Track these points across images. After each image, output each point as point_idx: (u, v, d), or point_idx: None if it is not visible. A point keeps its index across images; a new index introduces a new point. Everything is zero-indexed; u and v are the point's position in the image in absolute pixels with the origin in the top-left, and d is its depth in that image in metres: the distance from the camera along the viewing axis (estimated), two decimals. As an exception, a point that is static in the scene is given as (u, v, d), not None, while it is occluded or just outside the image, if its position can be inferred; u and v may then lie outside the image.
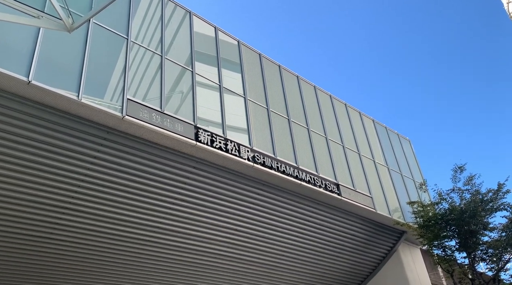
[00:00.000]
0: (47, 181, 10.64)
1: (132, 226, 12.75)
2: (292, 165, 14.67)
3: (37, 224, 11.43)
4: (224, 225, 14.37)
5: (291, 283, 18.54)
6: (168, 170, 12.22)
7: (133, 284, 15.72)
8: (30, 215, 11.13)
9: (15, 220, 11.18)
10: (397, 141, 22.44)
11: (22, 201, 10.78)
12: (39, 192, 10.73)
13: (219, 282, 16.99)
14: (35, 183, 10.52)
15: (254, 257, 16.17)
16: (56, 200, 11.06)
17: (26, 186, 10.53)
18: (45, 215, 11.29)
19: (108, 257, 13.71)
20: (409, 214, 18.60)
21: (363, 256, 18.76)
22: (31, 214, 11.11)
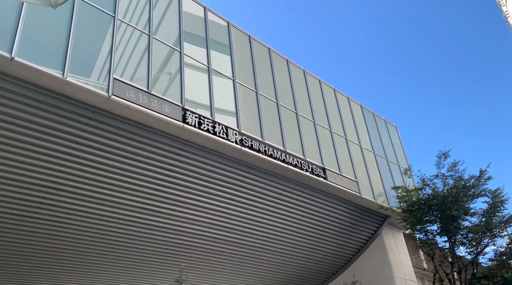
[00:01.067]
0: (31, 160, 10.51)
1: (117, 206, 12.72)
2: (279, 149, 14.72)
3: (21, 203, 11.32)
4: (210, 207, 14.44)
5: (277, 265, 18.84)
6: (155, 152, 12.16)
7: (118, 264, 15.79)
8: (14, 194, 11.02)
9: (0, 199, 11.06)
10: (384, 127, 22.64)
11: (5, 180, 10.65)
12: (23, 171, 10.60)
13: (204, 263, 17.17)
14: (18, 162, 10.38)
15: (240, 239, 16.33)
16: (41, 179, 10.95)
17: (9, 165, 10.38)
18: (29, 194, 11.19)
19: (93, 237, 13.71)
20: (393, 198, 18.92)
21: (347, 239, 19.10)
22: (15, 193, 11.00)
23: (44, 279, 16.27)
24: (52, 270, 15.50)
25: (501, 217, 16.18)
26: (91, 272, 16.11)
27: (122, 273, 16.69)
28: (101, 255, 14.86)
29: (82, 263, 15.18)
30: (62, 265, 15.20)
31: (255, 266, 18.52)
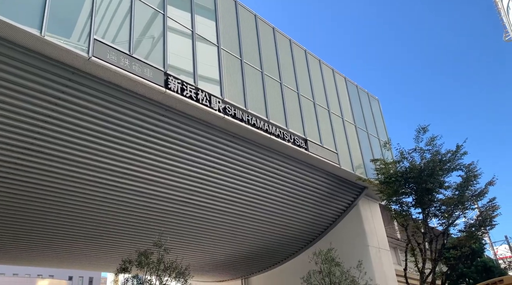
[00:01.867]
0: (8, 120, 10.28)
1: (96, 170, 12.65)
2: (262, 119, 14.73)
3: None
4: (192, 174, 14.50)
5: (256, 232, 19.26)
6: (136, 117, 12.01)
7: (98, 228, 15.87)
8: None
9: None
10: (366, 100, 22.83)
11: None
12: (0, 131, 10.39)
13: (185, 229, 17.41)
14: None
15: (221, 206, 16.55)
16: (18, 140, 10.76)
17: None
18: (5, 154, 11.01)
19: (72, 200, 13.68)
20: (371, 170, 19.33)
21: (325, 208, 19.57)
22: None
23: (21, 241, 16.26)
24: (29, 232, 15.48)
25: (473, 190, 16.78)
26: (70, 235, 16.17)
27: (103, 237, 16.80)
28: (81, 218, 14.88)
29: (61, 226, 15.19)
30: (40, 228, 15.19)
31: (234, 233, 18.89)
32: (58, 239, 16.54)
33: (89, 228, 15.76)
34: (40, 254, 18.40)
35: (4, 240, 15.82)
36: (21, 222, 14.46)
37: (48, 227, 15.24)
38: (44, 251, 18.02)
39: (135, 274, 11.74)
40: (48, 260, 20.41)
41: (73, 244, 17.21)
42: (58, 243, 16.97)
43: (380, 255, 19.54)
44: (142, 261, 11.05)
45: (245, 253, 21.35)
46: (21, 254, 18.16)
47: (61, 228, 15.44)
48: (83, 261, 20.90)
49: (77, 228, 15.58)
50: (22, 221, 14.43)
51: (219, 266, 23.01)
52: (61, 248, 17.66)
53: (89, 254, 18.99)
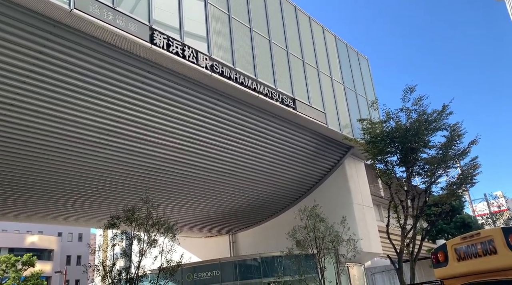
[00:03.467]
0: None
1: (81, 127, 12.52)
2: (251, 77, 14.55)
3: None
4: (178, 132, 14.45)
5: (242, 190, 19.59)
6: (121, 73, 11.75)
7: (85, 185, 15.92)
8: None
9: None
10: (356, 59, 22.64)
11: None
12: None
13: (172, 186, 17.59)
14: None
15: (207, 164, 16.67)
16: (0, 96, 10.49)
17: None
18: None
19: (57, 157, 13.62)
20: (358, 130, 19.52)
21: (311, 167, 19.88)
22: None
23: (9, 197, 16.29)
24: (17, 189, 15.49)
25: (456, 150, 17.14)
26: (58, 192, 16.24)
27: (91, 194, 16.91)
28: (67, 175, 14.89)
29: (48, 182, 15.21)
30: (27, 184, 15.19)
31: (221, 190, 19.18)
32: (47, 196, 16.61)
33: (77, 185, 15.82)
34: (29, 210, 18.52)
35: (-9, 197, 15.84)
36: (8, 178, 14.42)
37: (36, 183, 15.25)
38: (33, 208, 18.13)
39: (123, 230, 11.96)
40: (37, 217, 20.59)
41: (62, 200, 17.32)
42: (46, 199, 17.06)
43: (364, 212, 20.16)
44: (130, 217, 11.22)
45: (232, 210, 21.82)
46: (9, 210, 18.26)
47: (49, 185, 15.46)
48: (72, 218, 21.15)
49: (65, 184, 15.62)
50: (9, 178, 14.39)
51: (207, 222, 23.54)
52: (50, 204, 17.78)
53: (78, 210, 19.18)
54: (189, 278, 18.87)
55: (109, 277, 10.82)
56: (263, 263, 19.04)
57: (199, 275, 19.09)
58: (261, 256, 19.05)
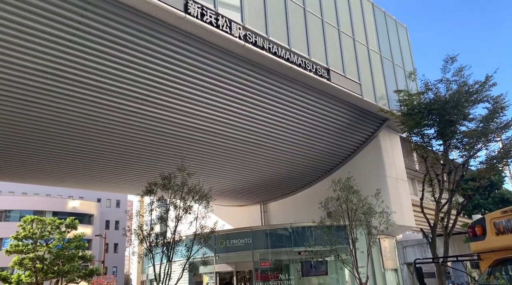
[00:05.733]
0: (32, 45, 10.36)
1: (118, 96, 12.85)
2: (284, 47, 14.32)
3: (23, 88, 11.47)
4: (211, 102, 14.55)
5: (274, 161, 19.69)
6: (155, 43, 11.86)
7: (123, 153, 16.47)
8: (17, 79, 11.10)
9: (2, 83, 11.15)
10: (394, 28, 21.77)
11: (8, 64, 10.61)
12: (24, 55, 10.55)
13: (206, 156, 17.92)
14: (20, 46, 10.27)
15: (240, 135, 16.80)
16: (43, 65, 10.90)
17: (11, 49, 10.25)
18: (32, 79, 11.24)
19: (97, 125, 14.10)
20: (394, 102, 18.99)
21: (345, 139, 19.65)
22: (18, 77, 11.07)
23: (53, 163, 17.12)
24: (59, 155, 16.23)
25: (498, 123, 16.41)
26: (98, 159, 16.90)
27: (129, 162, 17.50)
28: (107, 143, 15.44)
29: (89, 150, 15.83)
30: (69, 151, 15.87)
31: (253, 161, 19.37)
32: (87, 163, 17.35)
33: (116, 153, 16.40)
34: (70, 176, 19.45)
35: (36, 162, 16.70)
36: (52, 146, 15.11)
37: (78, 151, 15.92)
38: (75, 174, 19.02)
39: (160, 196, 12.40)
40: (78, 182, 21.62)
41: (101, 168, 18.06)
42: (87, 166, 17.83)
43: (397, 185, 19.89)
44: (166, 184, 11.59)
45: (264, 180, 22.06)
46: (53, 176, 19.25)
47: (89, 152, 16.11)
48: (110, 184, 22.07)
49: (104, 152, 16.23)
50: (53, 145, 15.08)
51: (239, 191, 23.97)
52: (90, 171, 18.58)
53: (116, 177, 19.97)
54: (222, 245, 19.44)
55: (147, 241, 11.33)
56: (294, 232, 19.31)
57: (231, 242, 19.62)
58: (292, 226, 19.30)
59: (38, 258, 24.59)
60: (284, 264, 19.74)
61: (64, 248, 26.07)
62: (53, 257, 25.13)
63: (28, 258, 24.44)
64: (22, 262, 24.37)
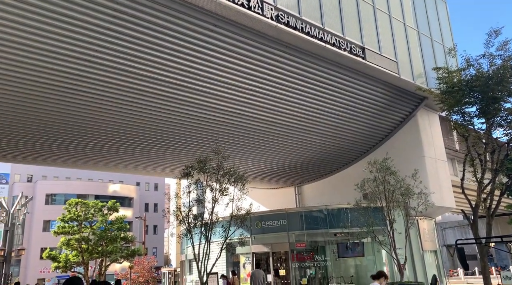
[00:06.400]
0: (69, 33, 10.68)
1: (152, 82, 13.10)
2: (317, 26, 14.04)
3: (63, 75, 11.89)
4: (244, 86, 14.55)
5: (310, 144, 19.57)
6: (187, 27, 11.92)
7: (160, 137, 16.86)
8: (57, 67, 11.52)
9: (43, 71, 11.63)
10: (432, 3, 20.82)
11: (49, 53, 11.01)
12: (64, 44, 10.92)
13: (239, 140, 18.04)
14: (58, 34, 10.63)
15: (273, 118, 16.76)
16: (80, 53, 11.24)
17: (52, 38, 10.64)
18: (70, 67, 11.63)
19: (134, 111, 14.46)
20: (433, 80, 18.30)
21: (381, 119, 19.21)
22: (58, 65, 11.49)
23: (93, 148, 17.78)
24: (99, 141, 16.83)
25: (546, 99, 15.54)
26: (137, 144, 17.40)
27: (165, 146, 17.92)
28: (144, 128, 15.84)
29: (129, 135, 16.31)
30: (109, 137, 16.41)
31: (287, 144, 19.32)
32: (127, 148, 17.90)
33: (153, 138, 16.82)
34: (111, 160, 20.17)
35: (78, 148, 17.41)
36: (94, 131, 15.67)
37: (118, 136, 16.42)
38: (115, 158, 19.70)
39: (196, 179, 12.66)
40: (118, 166, 22.40)
41: (140, 152, 18.59)
42: (127, 151, 18.41)
43: (436, 166, 19.34)
44: (202, 167, 11.80)
45: (298, 163, 22.02)
46: (94, 161, 20.02)
47: (128, 137, 16.60)
48: (149, 168, 22.74)
49: (143, 137, 16.67)
50: (92, 131, 15.63)
51: (273, 174, 24.07)
52: (129, 156, 19.18)
53: (154, 161, 20.52)
54: (257, 226, 19.71)
55: (185, 221, 11.65)
56: (329, 214, 19.27)
57: (266, 223, 19.84)
58: (327, 208, 19.26)
59: (83, 239, 25.86)
60: (319, 245, 19.81)
61: (107, 230, 27.26)
62: (97, 238, 26.35)
63: (74, 239, 25.75)
64: (69, 242, 25.73)
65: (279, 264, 19.95)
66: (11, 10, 9.70)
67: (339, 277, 18.62)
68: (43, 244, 41.68)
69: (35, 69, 11.49)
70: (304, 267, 19.20)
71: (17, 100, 12.74)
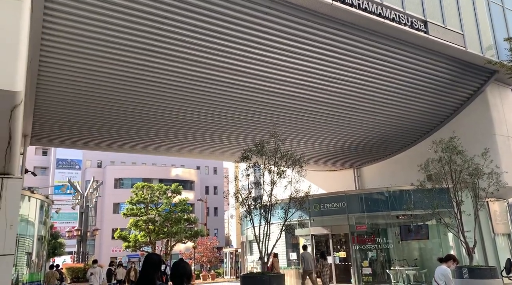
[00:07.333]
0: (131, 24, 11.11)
1: (211, 68, 13.32)
2: (375, 1, 13.44)
3: (129, 65, 12.45)
4: (300, 67, 14.37)
5: (369, 124, 19.01)
6: (242, 11, 11.93)
7: (219, 121, 17.22)
8: (123, 58, 12.09)
9: (106, 62, 12.23)
10: (504, -35, 19.09)
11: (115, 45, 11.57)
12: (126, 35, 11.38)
13: (296, 122, 17.94)
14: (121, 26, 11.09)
15: (331, 99, 16.45)
16: (140, 42, 11.66)
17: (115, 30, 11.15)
18: (132, 57, 12.13)
19: (194, 97, 14.87)
20: (504, 51, 16.89)
21: (446, 96, 18.15)
22: (124, 57, 12.05)
23: (157, 135, 18.58)
24: (162, 127, 17.54)
25: None
26: (197, 129, 17.94)
27: (224, 130, 18.30)
28: (204, 114, 16.27)
29: (190, 120, 16.84)
30: (171, 123, 17.06)
31: (345, 125, 18.91)
32: (189, 134, 18.53)
33: (212, 123, 17.23)
34: (174, 146, 20.99)
35: (143, 134, 18.30)
36: (157, 119, 16.36)
37: (180, 122, 17.02)
38: (178, 144, 20.47)
39: (254, 162, 12.87)
40: (180, 151, 23.28)
41: (201, 137, 19.16)
42: (188, 136, 19.06)
43: (509, 144, 17.99)
44: (260, 150, 11.95)
45: (357, 145, 21.51)
46: (158, 146, 20.95)
47: (190, 123, 17.15)
48: (208, 152, 23.39)
49: (203, 123, 17.14)
50: (158, 118, 16.32)
51: (331, 156, 23.75)
52: (191, 141, 19.83)
53: (213, 146, 21.07)
54: (316, 208, 19.69)
55: (245, 203, 11.93)
56: (390, 196, 18.76)
57: (325, 205, 19.75)
58: (388, 190, 18.74)
59: (150, 220, 27.42)
60: (381, 228, 19.42)
61: (171, 212, 28.67)
62: (162, 219, 27.82)
63: (142, 220, 27.38)
64: (137, 223, 27.41)
65: (339, 246, 19.87)
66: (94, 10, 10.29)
67: (402, 260, 18.18)
68: (113, 225, 44.81)
69: (106, 61, 12.11)
70: (365, 250, 18.95)
71: (91, 92, 13.57)
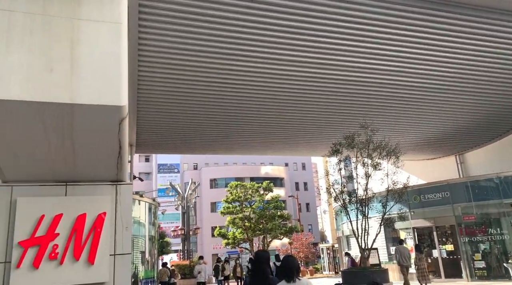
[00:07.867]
0: (215, 31, 11.44)
1: (294, 65, 13.16)
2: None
3: (212, 71, 12.86)
4: (394, 53, 13.42)
5: (472, 105, 17.34)
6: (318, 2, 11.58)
7: (305, 117, 17.04)
8: (208, 65, 12.53)
9: (196, 70, 12.77)
10: None
11: (200, 53, 12.04)
12: (208, 42, 11.76)
13: (390, 111, 16.98)
14: (202, 34, 11.46)
15: (429, 83, 15.12)
16: (223, 48, 11.93)
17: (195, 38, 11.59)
18: (219, 63, 12.49)
19: (283, 95, 14.90)
20: None
21: None
22: (210, 63, 12.48)
23: (247, 136, 19.03)
24: (254, 128, 17.92)
25: None
26: (286, 127, 18.00)
27: (312, 125, 18.09)
28: (290, 113, 16.25)
29: (278, 120, 16.94)
30: (259, 124, 17.33)
31: (446, 109, 17.40)
32: (277, 132, 18.68)
33: (300, 120, 17.12)
34: (264, 145, 21.36)
35: (234, 137, 18.92)
36: (250, 120, 16.76)
37: (270, 122, 17.23)
38: (267, 142, 20.78)
39: (346, 156, 12.50)
40: (268, 149, 23.60)
41: (288, 134, 19.20)
42: (277, 135, 19.22)
43: None
44: (350, 143, 11.57)
45: (459, 129, 19.75)
46: (247, 146, 21.50)
47: (278, 121, 17.27)
48: (296, 149, 23.35)
49: (291, 120, 17.13)
50: (250, 119, 16.70)
51: (429, 143, 22.15)
52: (279, 138, 19.98)
53: (301, 142, 20.96)
54: (416, 200, 18.57)
55: (340, 198, 11.65)
56: (502, 183, 16.97)
57: (426, 196, 18.53)
58: (499, 176, 16.96)
59: (245, 217, 28.27)
60: (493, 218, 17.67)
61: (265, 209, 29.25)
62: (257, 216, 28.51)
63: (238, 218, 28.34)
64: (234, 221, 28.44)
65: (444, 239, 18.50)
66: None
67: (521, 252, 16.36)
68: (212, 223, 47.08)
69: (198, 70, 12.63)
70: (475, 242, 17.38)
71: (186, 101, 14.35)
